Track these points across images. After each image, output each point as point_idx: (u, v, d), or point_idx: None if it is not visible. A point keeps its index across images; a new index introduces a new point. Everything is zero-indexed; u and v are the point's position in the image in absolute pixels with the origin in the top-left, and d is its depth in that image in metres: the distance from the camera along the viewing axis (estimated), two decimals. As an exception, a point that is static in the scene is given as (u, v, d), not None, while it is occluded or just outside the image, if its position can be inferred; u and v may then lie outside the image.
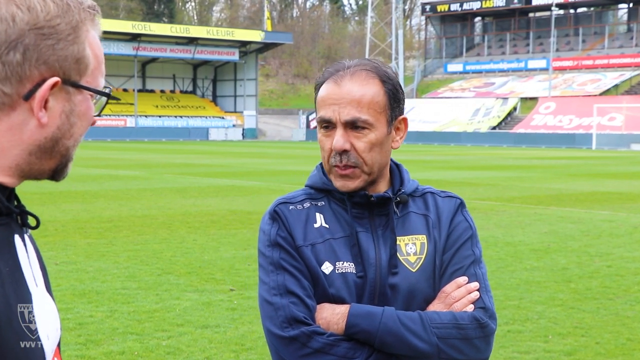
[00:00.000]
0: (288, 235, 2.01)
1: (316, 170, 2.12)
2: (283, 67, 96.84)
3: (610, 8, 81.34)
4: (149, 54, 70.97)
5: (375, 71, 2.01)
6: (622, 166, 33.06)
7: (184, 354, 6.21)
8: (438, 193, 2.16)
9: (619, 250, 11.27)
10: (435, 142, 64.79)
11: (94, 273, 9.16)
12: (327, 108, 1.99)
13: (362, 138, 1.98)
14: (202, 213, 14.91)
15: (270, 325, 1.97)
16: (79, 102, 1.30)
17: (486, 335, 1.99)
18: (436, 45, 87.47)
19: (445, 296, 2.02)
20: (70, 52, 1.27)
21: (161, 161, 33.31)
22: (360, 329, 1.93)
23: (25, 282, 1.27)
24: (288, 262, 1.99)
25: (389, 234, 2.03)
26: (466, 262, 2.06)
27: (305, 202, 2.07)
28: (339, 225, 2.04)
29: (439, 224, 2.09)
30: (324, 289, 1.98)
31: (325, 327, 1.95)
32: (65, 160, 1.34)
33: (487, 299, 2.03)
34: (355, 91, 1.98)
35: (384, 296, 2.00)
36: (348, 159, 1.98)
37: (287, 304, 1.95)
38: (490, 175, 26.60)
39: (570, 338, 6.77)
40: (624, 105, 59.94)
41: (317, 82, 2.08)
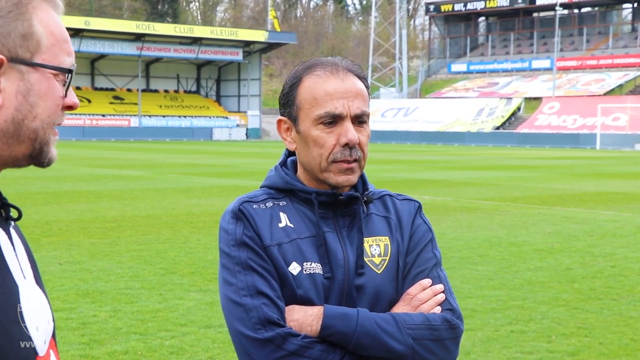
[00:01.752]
0: (255, 235, 1.96)
1: (275, 171, 2.08)
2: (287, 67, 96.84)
3: (614, 8, 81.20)
4: (152, 54, 71.01)
5: (356, 70, 2.02)
6: (626, 166, 33.01)
7: (188, 353, 6.22)
8: (396, 196, 2.14)
9: (623, 250, 11.26)
10: (438, 142, 64.74)
11: (97, 273, 9.17)
12: (335, 102, 1.94)
13: (363, 132, 1.97)
14: (206, 213, 14.92)
15: (241, 327, 1.91)
16: (36, 81, 1.27)
17: (456, 336, 1.99)
18: (440, 45, 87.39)
19: (410, 298, 2.00)
20: (13, 29, 1.24)
21: (165, 161, 33.33)
22: (336, 330, 1.90)
23: (11, 276, 1.25)
24: (256, 262, 1.94)
25: (356, 234, 2.00)
26: (429, 265, 2.04)
27: (268, 202, 2.03)
28: (304, 225, 2.00)
29: (400, 226, 2.07)
30: (292, 290, 1.94)
31: (297, 329, 1.91)
32: (39, 145, 1.29)
33: (453, 300, 2.03)
34: (356, 85, 1.97)
35: (350, 298, 1.97)
36: (356, 153, 1.96)
37: (259, 304, 1.90)
38: (493, 175, 26.57)
39: (573, 338, 6.76)
40: (628, 105, 59.84)
41: (293, 78, 2.01)
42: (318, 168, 1.99)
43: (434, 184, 22.39)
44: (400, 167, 30.62)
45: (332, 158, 1.95)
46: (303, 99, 1.98)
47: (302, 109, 1.99)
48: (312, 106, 1.96)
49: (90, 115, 66.21)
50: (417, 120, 70.59)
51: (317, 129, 1.96)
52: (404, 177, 24.90)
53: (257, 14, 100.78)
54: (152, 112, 71.56)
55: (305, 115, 1.98)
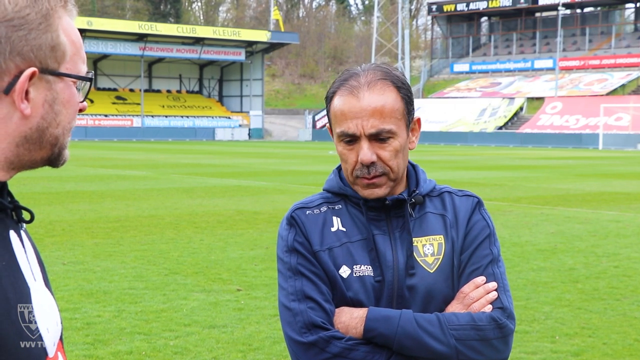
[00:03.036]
0: (305, 241, 2.03)
1: (333, 175, 2.13)
2: (289, 67, 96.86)
3: (617, 8, 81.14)
4: (155, 54, 71.06)
5: (389, 78, 2.01)
6: (629, 166, 32.99)
7: (192, 353, 6.23)
8: (455, 192, 2.16)
9: (626, 250, 11.25)
10: (441, 142, 64.73)
11: (101, 273, 9.19)
12: (348, 122, 1.98)
13: (387, 147, 1.99)
14: (209, 213, 14.93)
15: (289, 330, 1.99)
16: (61, 90, 1.30)
17: (504, 335, 1.99)
18: (442, 45, 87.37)
19: (463, 297, 2.02)
20: (44, 41, 1.27)
21: (168, 161, 33.36)
22: (378, 332, 1.94)
23: (23, 277, 1.27)
24: (305, 267, 2.01)
25: (406, 235, 2.04)
26: (484, 262, 2.05)
27: (322, 206, 2.09)
28: (356, 228, 2.05)
29: (456, 223, 2.09)
30: (342, 293, 2.00)
31: (344, 331, 1.96)
32: (58, 149, 1.34)
33: (505, 298, 2.03)
34: (375, 102, 1.97)
35: (402, 298, 2.01)
36: (375, 170, 1.99)
37: (305, 309, 1.97)
38: (496, 175, 26.57)
39: (577, 339, 6.76)
40: (630, 105, 59.80)
41: (329, 92, 2.06)
42: (348, 180, 2.07)
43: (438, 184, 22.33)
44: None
45: (354, 174, 2.02)
46: (331, 115, 2.05)
47: (332, 124, 2.06)
48: (335, 124, 2.03)
49: (92, 115, 66.27)
50: (419, 120, 70.48)
51: (340, 145, 2.03)
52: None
53: (259, 14, 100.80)
54: (155, 112, 71.61)
55: (333, 130, 2.06)
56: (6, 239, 1.27)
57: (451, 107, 71.39)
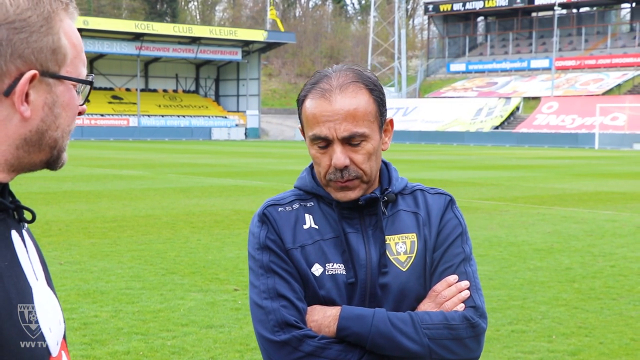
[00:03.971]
0: (277, 238, 2.00)
1: (305, 173, 2.11)
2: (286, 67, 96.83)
3: (613, 7, 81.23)
4: (151, 54, 71.00)
5: (361, 80, 1.98)
6: (625, 166, 33.04)
7: (189, 353, 6.23)
8: (427, 190, 2.14)
9: (623, 250, 11.28)
10: (438, 141, 64.77)
11: (98, 273, 9.18)
12: (321, 126, 1.95)
13: (359, 150, 1.97)
14: (206, 213, 14.93)
15: (262, 329, 1.96)
16: (61, 93, 1.31)
17: (477, 334, 1.99)
18: (439, 44, 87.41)
19: (435, 295, 2.01)
20: (45, 44, 1.27)
21: (164, 161, 33.33)
22: (352, 331, 1.93)
23: (24, 277, 1.27)
24: (278, 265, 1.98)
25: (378, 233, 2.02)
26: (456, 260, 2.04)
27: (295, 203, 2.07)
28: (329, 226, 2.03)
29: (429, 221, 2.07)
30: (314, 291, 1.98)
31: (316, 329, 1.95)
32: (57, 152, 1.34)
33: (478, 297, 2.02)
34: (347, 105, 1.94)
35: (374, 297, 1.99)
36: (349, 174, 1.97)
37: (277, 307, 1.95)
38: (493, 175, 26.60)
39: (574, 338, 6.78)
40: (626, 105, 59.89)
41: (300, 95, 2.03)
42: (321, 183, 2.05)
43: (433, 183, 22.27)
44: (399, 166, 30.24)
45: (328, 177, 2.00)
46: (303, 118, 2.03)
47: (304, 126, 2.04)
48: (307, 127, 2.01)
49: (89, 115, 66.13)
50: (416, 120, 70.61)
51: (313, 149, 2.01)
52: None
53: (256, 14, 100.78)
54: (151, 112, 71.54)
55: (306, 133, 2.04)
56: (8, 239, 1.28)
57: (448, 107, 71.42)
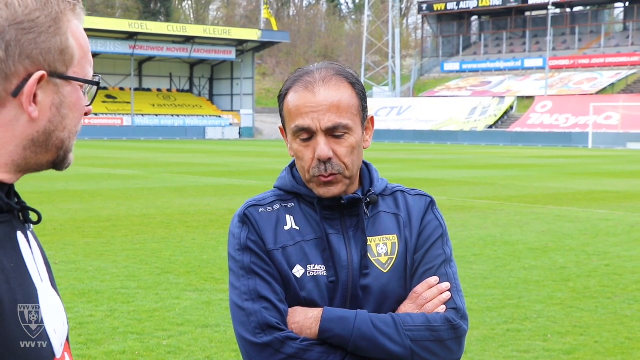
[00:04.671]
0: (259, 239, 1.99)
1: (285, 172, 2.10)
2: (280, 66, 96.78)
3: (606, 7, 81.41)
4: (145, 53, 70.88)
5: (344, 74, 1.99)
6: (618, 165, 33.12)
7: (185, 353, 6.23)
8: (408, 191, 2.14)
9: (617, 249, 11.31)
10: (432, 140, 64.82)
11: (93, 272, 9.17)
12: (304, 117, 1.95)
13: (342, 143, 1.96)
14: (201, 212, 14.92)
15: (243, 331, 1.95)
16: (69, 94, 1.31)
17: (458, 336, 1.99)
18: (433, 44, 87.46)
19: (416, 297, 2.01)
20: (53, 44, 1.27)
21: (158, 160, 33.29)
22: (334, 333, 1.92)
23: (30, 278, 1.27)
24: (259, 266, 1.97)
25: (360, 235, 2.02)
26: (437, 262, 2.04)
27: (275, 204, 2.05)
28: (310, 227, 2.02)
29: (409, 223, 2.07)
30: (295, 293, 1.97)
31: (298, 331, 1.94)
32: (64, 153, 1.34)
33: (459, 299, 2.03)
34: (331, 97, 1.95)
35: (356, 298, 1.99)
36: (332, 167, 1.96)
37: (259, 309, 1.94)
38: (487, 174, 26.63)
39: (569, 337, 6.79)
40: (620, 104, 60.01)
41: (282, 90, 2.03)
42: (304, 179, 2.03)
43: (428, 183, 22.42)
44: (393, 166, 30.63)
45: (311, 173, 1.98)
46: (285, 113, 2.01)
47: (286, 121, 2.02)
48: (290, 120, 1.99)
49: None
50: (410, 119, 70.66)
51: (296, 143, 1.99)
52: (397, 176, 24.89)
53: (250, 13, 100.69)
54: (145, 111, 71.43)
55: (287, 128, 2.02)
56: (14, 241, 1.28)
57: (442, 106, 71.47)
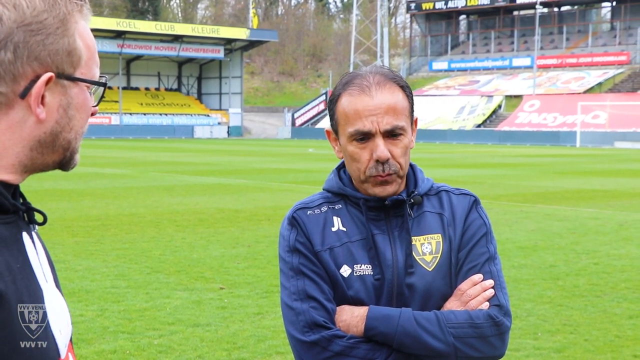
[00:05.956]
0: (307, 241, 2.06)
1: (333, 175, 2.17)
2: (268, 65, 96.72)
3: (593, 6, 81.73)
4: (133, 52, 70.69)
5: (395, 79, 2.07)
6: (606, 164, 33.26)
7: (176, 352, 6.22)
8: (452, 191, 2.20)
9: (606, 247, 11.36)
10: (420, 139, 64.89)
11: (83, 272, 9.15)
12: (363, 120, 2.01)
13: (398, 144, 2.04)
14: (190, 211, 14.89)
15: (292, 330, 2.03)
16: (76, 95, 1.31)
17: (501, 332, 2.03)
18: (421, 43, 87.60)
19: (461, 294, 2.06)
20: (61, 46, 1.27)
21: (147, 159, 33.21)
22: (379, 331, 1.98)
23: (35, 278, 1.28)
24: (307, 267, 2.04)
25: (404, 234, 2.07)
26: (481, 260, 2.09)
27: (323, 206, 2.12)
28: (356, 227, 2.08)
29: (453, 222, 2.12)
30: (343, 292, 2.04)
31: (345, 329, 2.01)
32: (70, 153, 1.35)
33: (502, 296, 2.07)
34: (388, 100, 2.02)
35: (401, 296, 2.05)
36: (389, 167, 2.03)
37: (307, 308, 2.01)
38: (476, 173, 26.70)
39: (559, 335, 6.82)
40: (607, 103, 60.27)
41: (334, 94, 2.09)
42: (358, 180, 2.09)
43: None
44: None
45: (368, 173, 2.04)
46: (340, 116, 2.07)
47: (340, 124, 2.08)
48: (346, 123, 2.05)
49: (70, 113, 65.71)
50: (398, 118, 70.67)
51: (351, 145, 2.05)
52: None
53: (238, 12, 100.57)
54: (133, 110, 71.24)
55: (342, 131, 2.08)
56: (19, 241, 1.28)
57: (430, 105, 71.60)
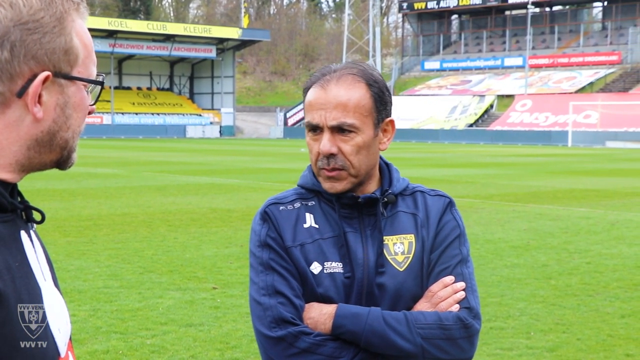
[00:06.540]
0: (278, 236, 2.04)
1: (307, 171, 2.14)
2: (260, 65, 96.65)
3: (585, 6, 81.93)
4: (125, 51, 70.56)
5: (361, 75, 2.03)
6: (598, 163, 33.36)
7: (169, 352, 6.20)
8: (428, 192, 2.18)
9: (597, 247, 11.39)
10: (412, 139, 64.96)
11: (75, 272, 9.12)
12: (314, 113, 2.01)
13: (348, 141, 2.01)
14: (182, 211, 14.87)
15: (259, 325, 2.00)
16: (73, 94, 1.31)
17: (470, 335, 2.02)
18: (413, 42, 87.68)
19: (431, 295, 2.04)
20: (58, 44, 1.27)
21: (139, 159, 33.15)
22: (346, 329, 1.96)
23: (34, 277, 1.27)
24: (277, 262, 2.02)
25: (377, 233, 2.06)
26: (453, 262, 2.08)
27: (296, 202, 2.10)
28: (329, 225, 2.06)
29: (427, 223, 2.10)
30: (312, 289, 2.01)
31: (312, 326, 1.98)
32: (67, 152, 1.34)
33: (473, 298, 2.05)
34: (341, 95, 1.99)
35: (371, 295, 2.02)
36: (335, 162, 2.01)
37: (275, 304, 1.98)
38: (468, 172, 26.74)
39: (552, 334, 6.83)
40: (599, 103, 60.46)
41: (304, 85, 2.09)
42: (316, 172, 2.08)
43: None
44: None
45: (318, 165, 2.04)
46: (304, 107, 2.08)
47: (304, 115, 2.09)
48: (305, 115, 2.06)
49: (62, 112, 65.52)
50: (390, 118, 70.72)
51: (308, 136, 2.06)
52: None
53: (230, 11, 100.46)
54: (125, 110, 71.10)
55: None
56: (18, 240, 1.28)
57: (422, 105, 71.68)
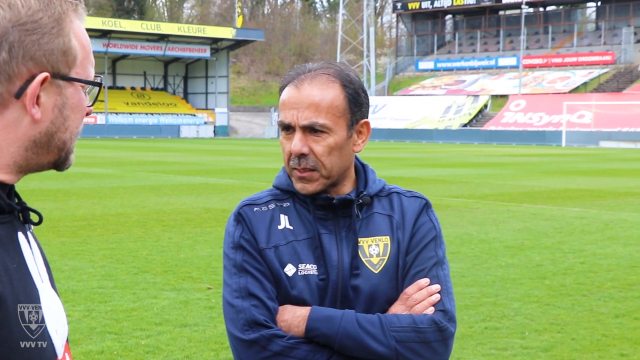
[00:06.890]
0: (251, 238, 2.02)
1: (282, 171, 2.12)
2: (254, 64, 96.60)
3: (578, 6, 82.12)
4: (119, 51, 70.46)
5: (336, 75, 2.01)
6: (592, 163, 33.42)
7: (164, 352, 6.20)
8: (404, 193, 2.15)
9: (591, 247, 11.41)
10: (406, 139, 65.03)
11: (69, 272, 9.10)
12: (286, 112, 1.99)
13: (320, 142, 1.99)
14: (177, 211, 14.85)
15: (232, 327, 1.98)
16: (71, 95, 1.31)
17: (445, 338, 1.99)
18: (407, 42, 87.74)
19: (406, 298, 2.02)
20: (56, 45, 1.26)
21: (133, 159, 33.10)
22: (320, 332, 1.94)
23: (31, 279, 1.27)
24: (251, 264, 1.99)
25: (351, 235, 2.04)
26: (429, 264, 2.05)
27: (271, 204, 2.08)
28: (303, 226, 2.04)
29: (403, 224, 2.08)
30: (286, 291, 1.99)
31: (286, 329, 1.96)
32: (65, 154, 1.34)
33: (448, 301, 2.03)
34: (314, 95, 1.97)
35: (346, 298, 2.01)
36: (306, 162, 1.99)
37: (248, 306, 1.96)
38: (462, 172, 26.77)
39: (546, 334, 6.84)
40: (592, 103, 60.58)
41: (280, 84, 2.08)
42: (288, 172, 2.06)
43: (403, 181, 22.48)
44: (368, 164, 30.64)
45: (290, 164, 2.02)
46: (279, 106, 2.06)
47: None
48: (279, 114, 2.05)
49: (55, 112, 65.39)
50: (385, 118, 70.80)
51: (281, 135, 2.04)
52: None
53: (224, 11, 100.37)
54: (119, 110, 71.00)
55: None
56: (15, 241, 1.28)
57: (416, 105, 71.72)
